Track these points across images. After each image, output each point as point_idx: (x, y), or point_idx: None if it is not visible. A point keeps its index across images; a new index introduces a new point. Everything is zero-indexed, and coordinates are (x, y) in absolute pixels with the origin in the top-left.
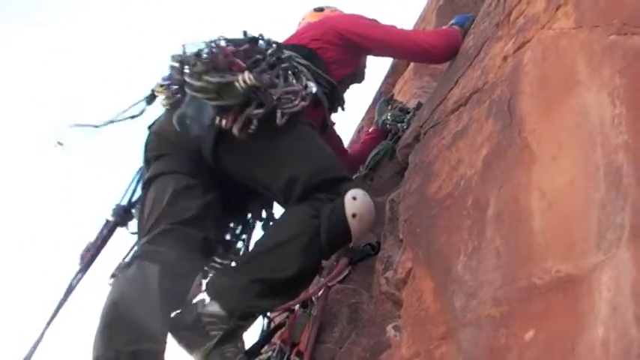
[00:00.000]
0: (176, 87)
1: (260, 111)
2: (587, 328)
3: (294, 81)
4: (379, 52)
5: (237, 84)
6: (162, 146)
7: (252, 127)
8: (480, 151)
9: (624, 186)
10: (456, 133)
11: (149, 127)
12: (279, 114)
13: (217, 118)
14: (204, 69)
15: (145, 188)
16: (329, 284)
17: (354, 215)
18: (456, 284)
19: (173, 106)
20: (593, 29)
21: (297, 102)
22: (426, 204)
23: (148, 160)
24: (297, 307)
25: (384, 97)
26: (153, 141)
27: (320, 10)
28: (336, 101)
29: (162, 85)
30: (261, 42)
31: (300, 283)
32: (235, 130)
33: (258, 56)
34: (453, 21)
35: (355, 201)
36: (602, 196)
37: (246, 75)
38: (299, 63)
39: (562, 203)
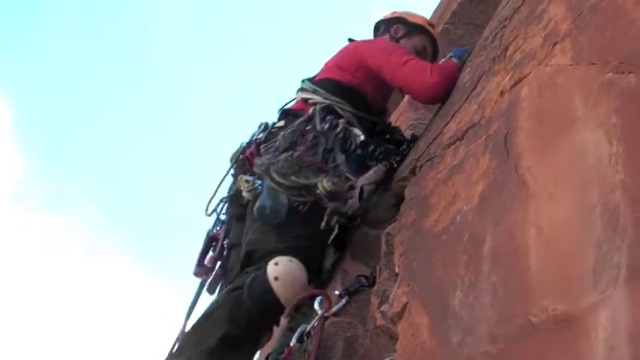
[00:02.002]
0: (259, 182)
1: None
2: None
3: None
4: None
5: (319, 189)
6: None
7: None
8: (477, 187)
9: (621, 226)
10: (452, 167)
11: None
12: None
13: (296, 207)
14: (288, 170)
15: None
16: (325, 315)
17: (276, 278)
18: (453, 320)
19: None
20: (590, 67)
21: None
22: (422, 238)
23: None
24: (292, 342)
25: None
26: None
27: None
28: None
29: (247, 181)
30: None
31: (234, 347)
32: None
33: (320, 140)
34: (451, 54)
35: (277, 266)
36: (598, 236)
37: (325, 182)
38: (342, 112)
39: (558, 241)
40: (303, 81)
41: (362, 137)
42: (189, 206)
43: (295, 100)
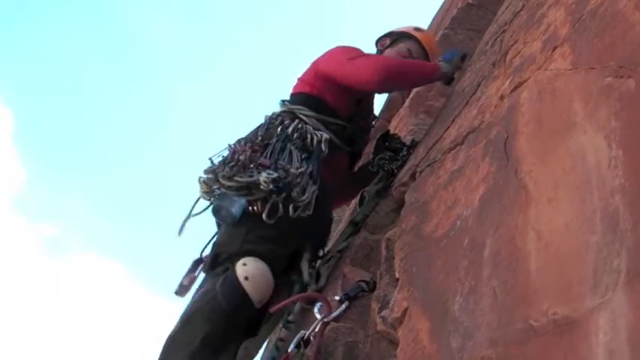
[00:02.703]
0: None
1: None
2: None
3: (301, 162)
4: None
5: (261, 184)
6: None
7: (280, 211)
8: (477, 191)
9: (621, 230)
10: (452, 172)
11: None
12: (291, 208)
13: (249, 207)
14: (232, 173)
15: None
16: (325, 321)
17: (246, 278)
18: (453, 325)
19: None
20: (590, 71)
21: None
22: (422, 243)
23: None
24: (290, 348)
25: (380, 132)
26: None
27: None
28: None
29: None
30: (270, 128)
31: (216, 348)
32: (264, 216)
33: (271, 141)
34: (441, 57)
35: (245, 266)
36: (598, 240)
37: (264, 175)
38: (306, 120)
39: (558, 245)
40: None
41: (326, 135)
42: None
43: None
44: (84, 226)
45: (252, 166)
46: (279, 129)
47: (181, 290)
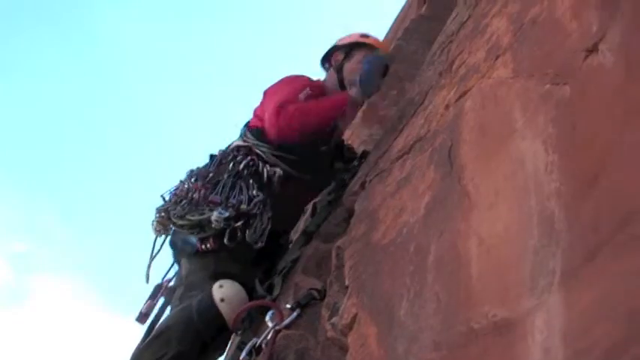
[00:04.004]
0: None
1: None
2: None
3: (254, 192)
4: None
5: (213, 223)
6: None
7: (239, 237)
8: (422, 199)
9: (556, 232)
10: (399, 180)
11: None
12: (247, 233)
13: (200, 245)
14: (184, 211)
15: None
16: (277, 328)
17: (222, 300)
18: (399, 329)
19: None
20: (530, 78)
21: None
22: (370, 251)
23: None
24: (242, 356)
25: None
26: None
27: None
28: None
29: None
30: (222, 164)
31: None
32: (225, 240)
33: (221, 177)
34: (364, 60)
35: (222, 288)
36: (535, 243)
37: (215, 215)
38: (262, 155)
39: (498, 249)
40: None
41: (279, 171)
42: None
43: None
44: (54, 243)
45: (203, 203)
46: (230, 165)
47: (142, 318)
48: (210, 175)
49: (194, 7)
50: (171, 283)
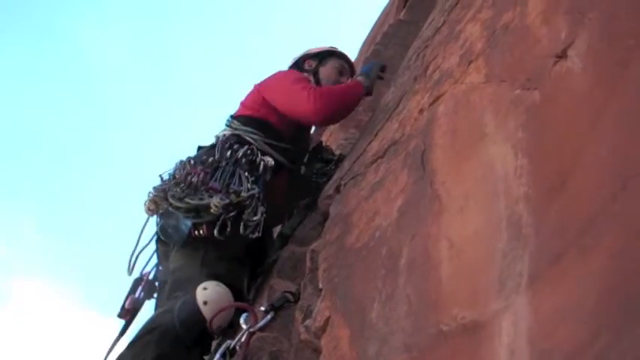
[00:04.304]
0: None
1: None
2: None
3: (251, 184)
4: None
5: (212, 208)
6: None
7: (228, 231)
8: (395, 202)
9: (524, 236)
10: (373, 184)
11: None
12: (242, 226)
13: (193, 230)
14: (183, 194)
15: None
16: (251, 331)
17: (205, 303)
18: (370, 331)
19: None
20: (501, 84)
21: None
22: (344, 254)
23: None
24: (216, 357)
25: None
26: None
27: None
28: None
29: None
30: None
31: None
32: (215, 232)
33: (220, 164)
34: (360, 70)
35: (206, 290)
36: (503, 246)
37: (216, 200)
38: (254, 143)
39: (468, 252)
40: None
41: (272, 162)
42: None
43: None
44: (32, 248)
45: (202, 189)
46: (228, 152)
47: (124, 314)
48: (210, 160)
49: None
50: (151, 276)
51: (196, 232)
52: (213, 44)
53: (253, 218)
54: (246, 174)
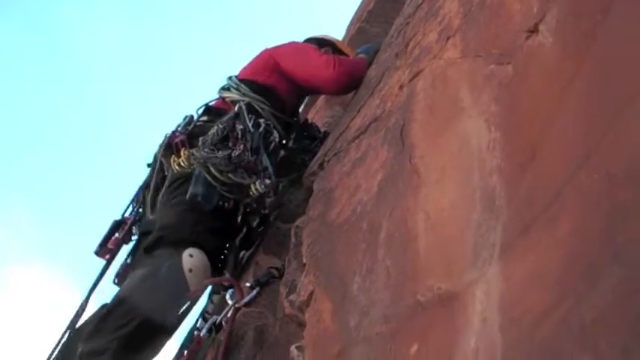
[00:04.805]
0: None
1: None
2: (462, 340)
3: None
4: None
5: (251, 190)
6: None
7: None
8: (376, 177)
9: (497, 207)
10: (355, 160)
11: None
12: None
13: (222, 203)
14: (227, 168)
15: None
16: (237, 306)
17: (190, 270)
18: (351, 304)
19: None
20: (476, 59)
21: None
22: (327, 229)
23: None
24: (202, 332)
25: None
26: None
27: None
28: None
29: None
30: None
31: (151, 335)
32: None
33: (247, 140)
34: (358, 50)
35: (192, 258)
36: (478, 217)
37: (259, 185)
38: (262, 113)
39: (444, 225)
40: (229, 77)
41: (277, 139)
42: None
43: (216, 99)
44: (25, 234)
45: (245, 166)
46: (250, 124)
47: (102, 252)
48: (237, 132)
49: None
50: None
51: (226, 205)
52: (210, 36)
53: (264, 206)
54: (267, 156)
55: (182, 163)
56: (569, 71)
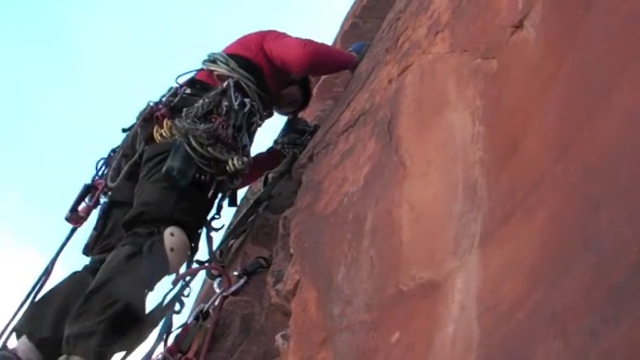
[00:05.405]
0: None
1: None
2: (442, 328)
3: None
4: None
5: (228, 166)
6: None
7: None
8: (363, 169)
9: (478, 198)
10: (343, 153)
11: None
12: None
13: (198, 175)
14: (207, 142)
15: None
16: (224, 294)
17: (172, 249)
18: (336, 293)
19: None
20: (463, 53)
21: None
22: (314, 220)
23: None
24: (189, 320)
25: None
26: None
27: None
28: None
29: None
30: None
31: (137, 317)
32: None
33: (231, 117)
34: (350, 48)
35: (173, 237)
36: (460, 208)
37: (237, 161)
38: (247, 91)
39: (427, 216)
40: (214, 53)
41: (259, 120)
42: None
43: (199, 71)
44: (17, 221)
45: (223, 140)
46: (236, 102)
47: (73, 218)
48: (223, 109)
49: None
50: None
51: (202, 177)
52: (208, 27)
53: (235, 183)
54: (247, 135)
55: (164, 134)
56: (551, 66)
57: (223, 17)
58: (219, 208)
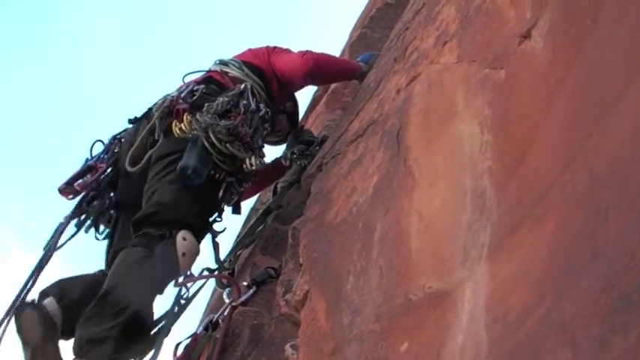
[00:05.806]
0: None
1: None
2: (451, 337)
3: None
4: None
5: (245, 165)
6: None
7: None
8: (372, 179)
9: (487, 208)
10: (352, 162)
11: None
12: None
13: (212, 172)
14: (227, 139)
15: None
16: (234, 304)
17: (183, 254)
18: (345, 303)
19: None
20: (472, 63)
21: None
22: (323, 230)
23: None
24: (199, 330)
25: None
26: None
27: None
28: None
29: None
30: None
31: (149, 323)
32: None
33: (247, 117)
34: (359, 58)
35: (185, 241)
36: (468, 218)
37: (254, 160)
38: (258, 97)
39: (436, 225)
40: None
41: (269, 128)
42: None
43: (209, 72)
44: (20, 225)
45: (243, 139)
46: (253, 103)
47: (67, 190)
48: (241, 109)
49: None
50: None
51: (217, 175)
52: (207, 25)
53: (244, 186)
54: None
55: (184, 127)
56: (558, 75)
57: (223, 17)
58: (221, 211)
